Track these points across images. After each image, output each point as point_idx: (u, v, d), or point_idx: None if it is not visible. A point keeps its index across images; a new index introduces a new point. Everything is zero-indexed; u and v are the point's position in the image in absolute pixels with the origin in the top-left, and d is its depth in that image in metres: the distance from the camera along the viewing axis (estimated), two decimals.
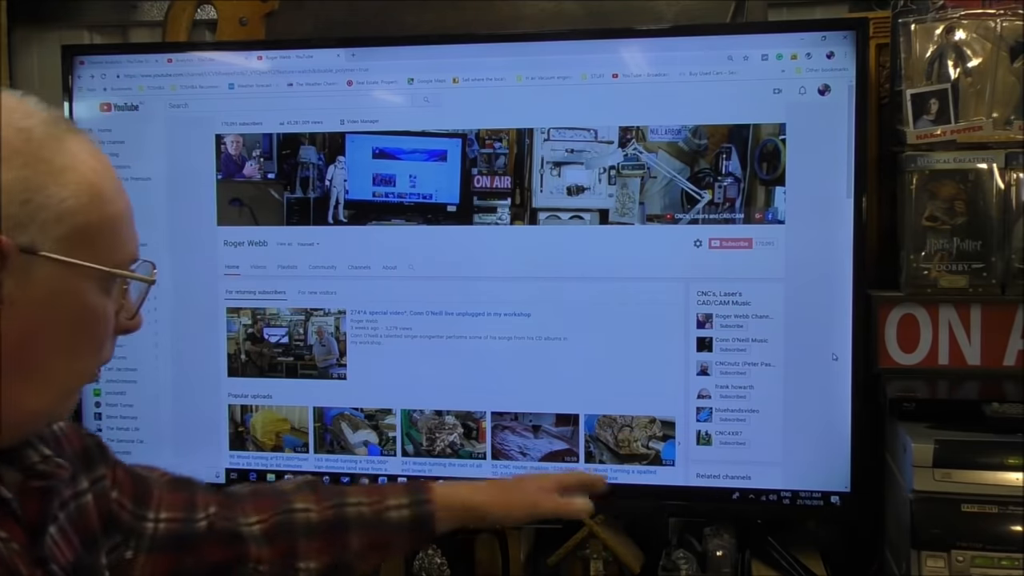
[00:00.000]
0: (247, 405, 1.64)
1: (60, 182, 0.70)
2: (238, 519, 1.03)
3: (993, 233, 1.40)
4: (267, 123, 1.60)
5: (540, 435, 1.56)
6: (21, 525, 0.73)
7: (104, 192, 0.73)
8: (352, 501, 1.06)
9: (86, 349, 0.75)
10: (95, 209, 0.72)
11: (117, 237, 0.75)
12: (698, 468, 1.51)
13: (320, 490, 1.09)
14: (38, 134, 0.70)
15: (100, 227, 0.73)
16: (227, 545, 1.01)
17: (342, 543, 1.04)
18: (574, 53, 1.53)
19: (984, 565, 1.26)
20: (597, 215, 1.52)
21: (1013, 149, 1.39)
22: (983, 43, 1.40)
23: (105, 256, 0.73)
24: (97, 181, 0.73)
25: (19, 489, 0.75)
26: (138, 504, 0.96)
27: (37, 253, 0.68)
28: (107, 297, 0.75)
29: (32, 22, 1.91)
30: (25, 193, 0.68)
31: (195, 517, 1.00)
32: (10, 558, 0.70)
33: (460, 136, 1.55)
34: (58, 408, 0.77)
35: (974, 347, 1.45)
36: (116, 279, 0.75)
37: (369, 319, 1.59)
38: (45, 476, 0.77)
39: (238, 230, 1.62)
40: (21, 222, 0.67)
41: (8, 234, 0.66)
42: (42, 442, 0.80)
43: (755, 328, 1.49)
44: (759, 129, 1.48)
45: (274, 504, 1.05)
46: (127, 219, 0.77)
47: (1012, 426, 1.35)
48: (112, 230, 0.74)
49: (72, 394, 0.78)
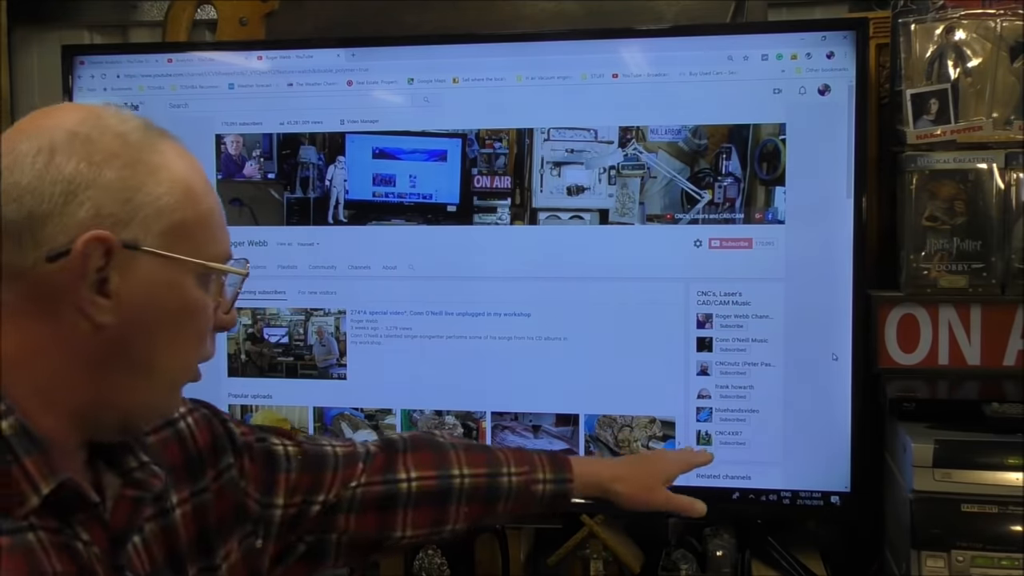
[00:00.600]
0: (247, 405, 1.64)
1: (157, 180, 0.73)
2: (394, 475, 1.04)
3: (993, 233, 1.40)
4: (267, 123, 1.60)
5: (540, 435, 1.56)
6: (106, 531, 0.74)
7: (196, 190, 0.76)
8: (505, 471, 1.09)
9: (188, 343, 0.78)
10: (190, 206, 0.75)
11: (211, 233, 0.78)
12: (698, 468, 1.51)
13: (473, 452, 1.11)
14: (134, 138, 0.74)
15: (195, 223, 0.76)
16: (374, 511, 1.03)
17: (492, 510, 1.09)
18: (574, 53, 1.53)
19: (984, 565, 1.26)
20: (597, 215, 1.52)
21: (1013, 149, 1.39)
22: (983, 43, 1.40)
23: (202, 251, 0.76)
24: (190, 179, 0.76)
25: (115, 495, 0.77)
26: (265, 492, 0.97)
27: (140, 248, 0.72)
28: (206, 292, 0.78)
29: (32, 22, 1.91)
30: (126, 192, 0.71)
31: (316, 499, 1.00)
32: (89, 561, 0.71)
33: (460, 136, 1.55)
34: (166, 403, 0.80)
35: (974, 347, 1.45)
36: (213, 274, 0.78)
37: (369, 319, 1.59)
38: (140, 485, 0.79)
39: (238, 230, 1.62)
40: (123, 219, 0.71)
41: (112, 231, 0.70)
42: (142, 448, 0.82)
43: (755, 328, 1.49)
44: (759, 129, 1.48)
45: (434, 461, 1.07)
46: (219, 216, 0.80)
47: (1012, 426, 1.35)
48: (206, 226, 0.77)
49: (176, 389, 0.80)
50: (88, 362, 0.72)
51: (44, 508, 0.68)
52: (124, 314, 0.72)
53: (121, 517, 0.76)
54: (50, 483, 0.68)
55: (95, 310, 0.70)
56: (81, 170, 0.70)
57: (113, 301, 0.71)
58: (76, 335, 0.71)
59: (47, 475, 0.68)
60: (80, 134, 0.71)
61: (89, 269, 0.69)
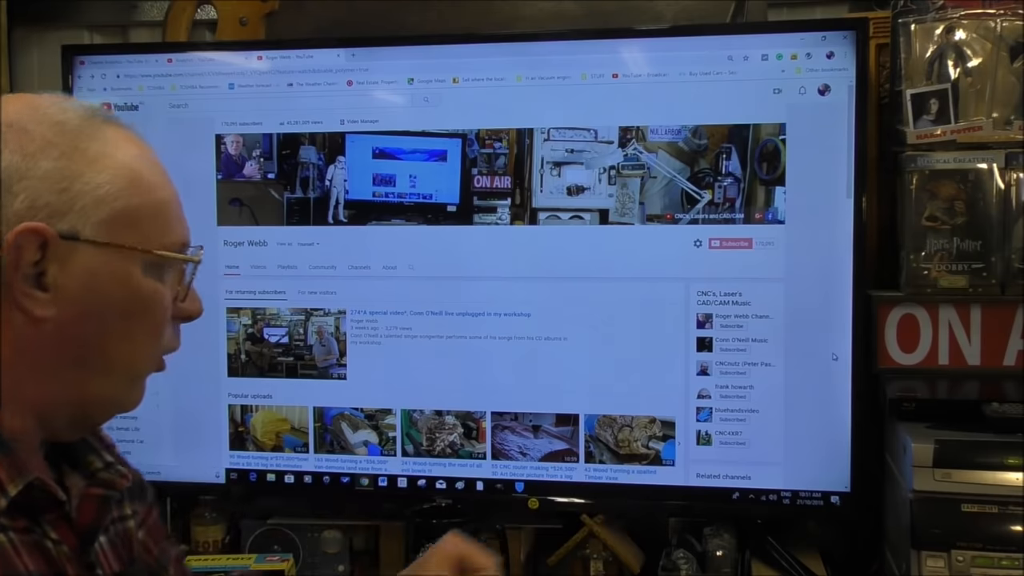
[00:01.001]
0: (247, 405, 1.64)
1: (96, 169, 0.72)
2: None
3: (993, 233, 1.40)
4: (267, 123, 1.60)
5: (540, 435, 1.56)
6: (74, 530, 0.74)
7: (144, 177, 0.75)
8: None
9: (142, 334, 0.76)
10: (136, 193, 0.73)
11: (162, 221, 0.76)
12: (698, 468, 1.51)
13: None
14: (72, 126, 0.72)
15: (142, 211, 0.74)
16: None
17: None
18: (574, 53, 1.53)
19: (984, 565, 1.26)
20: (597, 215, 1.52)
21: (1013, 149, 1.39)
22: (983, 43, 1.40)
23: (152, 240, 0.74)
24: (136, 166, 0.74)
25: (79, 494, 0.76)
26: (162, 554, 0.95)
27: (78, 239, 0.70)
28: (159, 282, 0.76)
29: (32, 22, 1.90)
30: (62, 182, 0.70)
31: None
32: (59, 560, 0.71)
33: (460, 136, 1.55)
34: (125, 396, 0.78)
35: (974, 347, 1.45)
36: (167, 264, 0.76)
37: (369, 319, 1.59)
38: (106, 484, 0.78)
39: (238, 230, 1.62)
40: (59, 210, 0.69)
41: (48, 222, 0.68)
42: (107, 449, 0.81)
43: (755, 328, 1.49)
44: (759, 129, 1.48)
45: None
46: (172, 204, 0.78)
47: (1012, 426, 1.35)
48: (156, 214, 0.75)
49: (136, 382, 0.79)
50: (39, 358, 0.71)
51: (12, 508, 0.67)
52: (67, 307, 0.70)
53: (87, 516, 0.76)
54: (18, 484, 0.68)
55: (33, 304, 0.69)
56: (14, 162, 0.68)
57: (52, 294, 0.70)
58: (20, 331, 0.69)
59: (15, 476, 0.68)
60: (15, 125, 0.70)
61: (23, 262, 0.68)
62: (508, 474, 1.56)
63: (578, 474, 1.55)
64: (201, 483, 1.65)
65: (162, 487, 1.63)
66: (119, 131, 0.75)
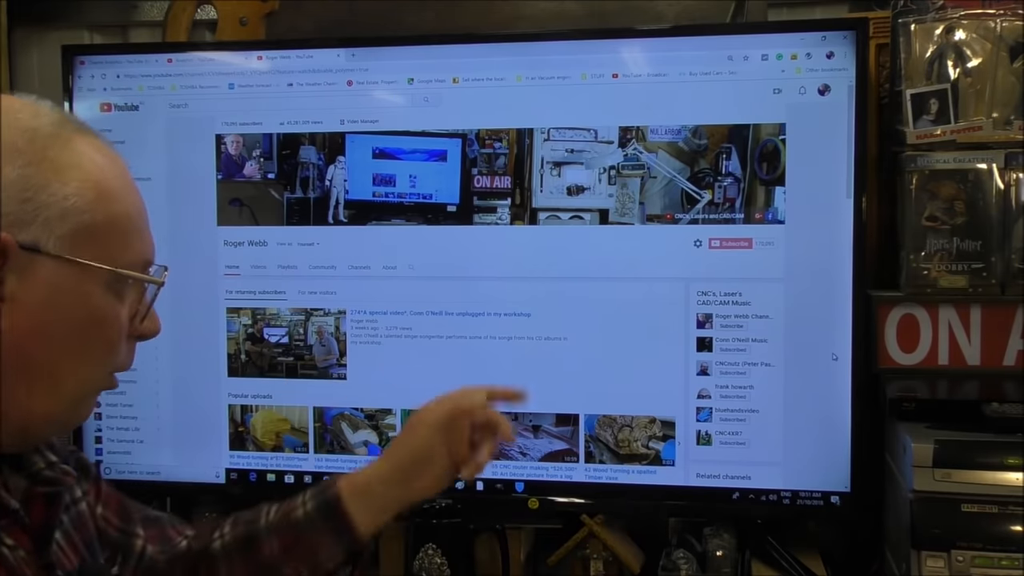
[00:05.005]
0: (247, 405, 1.64)
1: (63, 180, 0.69)
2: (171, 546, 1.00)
3: (993, 233, 1.40)
4: (267, 123, 1.60)
5: (540, 435, 1.56)
6: (27, 532, 0.73)
7: (112, 191, 0.72)
8: (263, 514, 0.99)
9: (96, 353, 0.74)
10: (101, 208, 0.71)
11: (126, 238, 0.74)
12: (698, 468, 1.51)
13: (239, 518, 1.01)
14: (43, 133, 0.70)
15: (107, 226, 0.72)
16: None
17: (256, 555, 0.96)
18: (574, 53, 1.53)
19: (984, 565, 1.26)
20: (597, 215, 1.52)
21: (1013, 149, 1.39)
22: (983, 43, 1.40)
23: (114, 257, 0.72)
24: (104, 180, 0.72)
25: (24, 495, 0.75)
26: (125, 520, 0.94)
27: (40, 251, 0.68)
28: (117, 300, 0.74)
29: (32, 22, 1.90)
30: (26, 191, 0.68)
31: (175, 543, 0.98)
32: (17, 565, 0.70)
33: (460, 136, 1.55)
34: (70, 414, 0.76)
35: (974, 347, 1.45)
36: (127, 281, 0.74)
37: (369, 319, 1.59)
38: (51, 483, 0.77)
39: (238, 230, 1.62)
40: (22, 219, 0.67)
41: (8, 231, 0.66)
42: (49, 448, 0.80)
43: (755, 328, 1.49)
44: (759, 129, 1.48)
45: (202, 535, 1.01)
46: (138, 220, 0.75)
47: (1012, 426, 1.35)
48: (120, 230, 0.73)
49: (85, 400, 0.76)
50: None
51: None
52: (22, 320, 0.68)
53: (38, 516, 0.75)
54: None
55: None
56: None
57: (8, 305, 0.67)
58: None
59: None
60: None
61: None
62: (508, 474, 1.56)
63: (578, 474, 1.55)
64: (201, 483, 1.65)
65: (162, 487, 1.65)
66: (91, 142, 0.73)
